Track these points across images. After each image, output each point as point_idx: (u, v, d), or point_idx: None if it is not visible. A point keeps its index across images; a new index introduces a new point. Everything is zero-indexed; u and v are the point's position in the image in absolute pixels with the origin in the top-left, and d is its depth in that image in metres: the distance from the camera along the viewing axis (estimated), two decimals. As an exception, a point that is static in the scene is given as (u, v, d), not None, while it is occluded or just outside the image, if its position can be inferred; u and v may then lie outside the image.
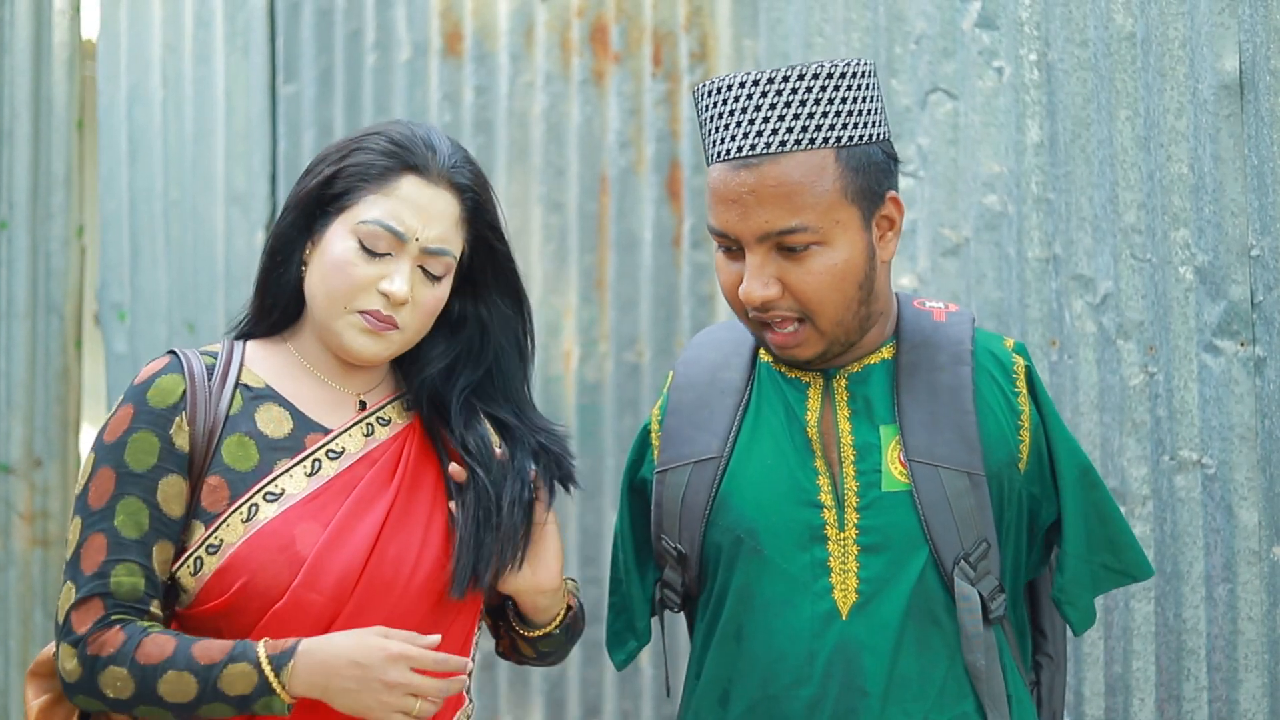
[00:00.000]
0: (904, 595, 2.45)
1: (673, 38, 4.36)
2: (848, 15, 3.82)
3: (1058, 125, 3.36)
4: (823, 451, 2.51)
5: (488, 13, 4.62)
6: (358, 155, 2.43)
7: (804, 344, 2.48)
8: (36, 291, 5.01)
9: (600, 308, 4.43)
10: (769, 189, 2.41)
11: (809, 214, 2.41)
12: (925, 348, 2.55)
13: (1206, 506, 3.10)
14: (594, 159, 4.47)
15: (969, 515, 2.46)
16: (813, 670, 2.46)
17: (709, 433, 2.58)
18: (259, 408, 2.44)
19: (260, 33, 5.03)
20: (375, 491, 2.43)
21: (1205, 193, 3.06)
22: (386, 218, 2.39)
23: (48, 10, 5.07)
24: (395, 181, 2.41)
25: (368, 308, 2.40)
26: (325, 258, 2.41)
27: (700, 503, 2.54)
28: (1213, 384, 3.07)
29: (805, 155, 2.42)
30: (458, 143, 2.51)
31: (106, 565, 2.33)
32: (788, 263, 2.44)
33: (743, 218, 2.43)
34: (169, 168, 5.25)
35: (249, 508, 2.37)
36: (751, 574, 2.51)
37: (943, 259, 3.63)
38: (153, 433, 2.37)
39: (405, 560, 2.40)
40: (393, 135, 2.44)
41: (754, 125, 2.43)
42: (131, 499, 2.35)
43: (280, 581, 2.34)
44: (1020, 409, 2.54)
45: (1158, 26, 3.13)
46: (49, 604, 5.02)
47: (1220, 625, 3.09)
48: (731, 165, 2.44)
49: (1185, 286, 3.11)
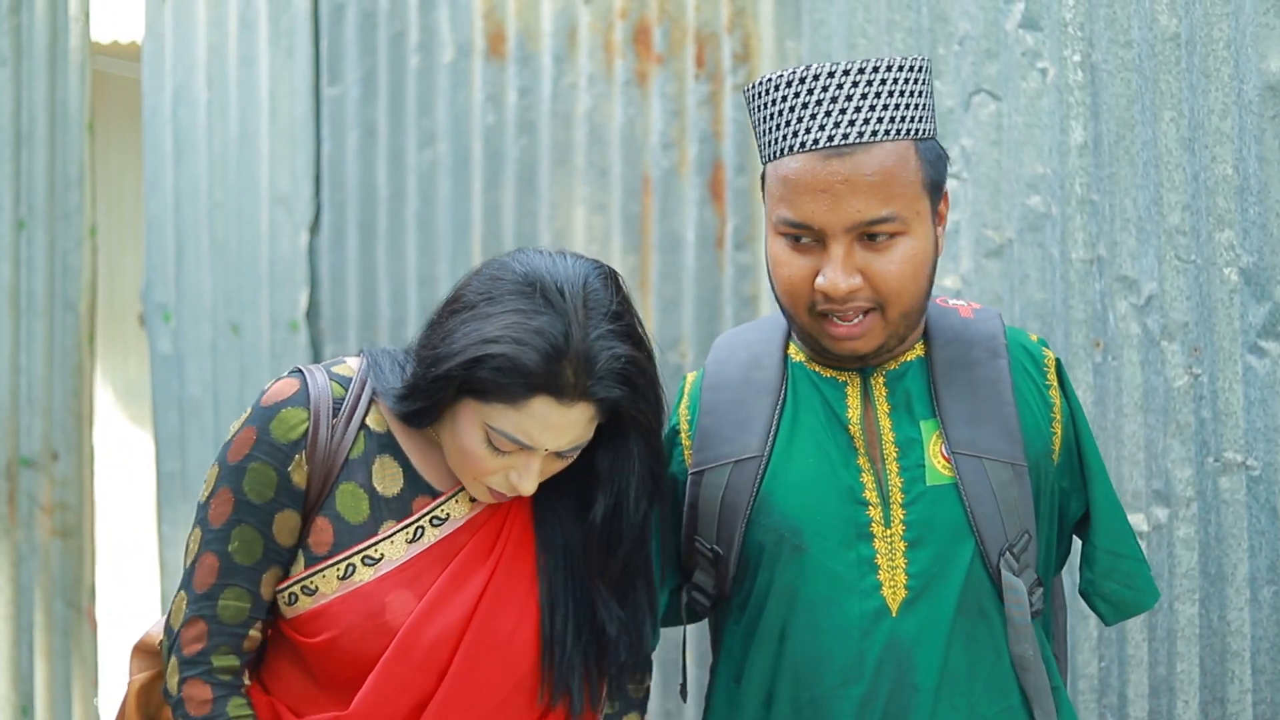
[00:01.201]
0: (955, 589, 2.46)
1: (715, 39, 4.36)
2: (891, 16, 3.82)
3: (1102, 126, 3.35)
4: (865, 449, 2.52)
5: (531, 14, 4.63)
6: (487, 371, 2.28)
7: (868, 335, 2.47)
8: (54, 289, 5.07)
9: (643, 309, 4.44)
10: (864, 178, 2.41)
11: (898, 203, 2.42)
12: (958, 343, 2.56)
13: (1251, 508, 3.09)
14: (637, 160, 4.47)
15: (1013, 506, 2.47)
16: (863, 669, 2.46)
17: (748, 432, 2.57)
18: (376, 458, 2.41)
19: (304, 34, 5.05)
20: (476, 561, 2.41)
21: (1250, 194, 3.05)
22: (515, 431, 2.30)
23: (63, 15, 5.11)
24: (526, 402, 2.29)
25: (494, 487, 2.37)
26: (456, 432, 2.36)
27: (741, 503, 2.54)
28: (1257, 385, 3.06)
29: (893, 145, 2.42)
30: (608, 328, 2.30)
31: (216, 588, 2.38)
32: (869, 253, 2.43)
33: (833, 207, 2.41)
34: (213, 169, 5.28)
35: (347, 567, 2.37)
36: (795, 573, 2.51)
37: (986, 260, 3.63)
38: (272, 467, 2.37)
39: (502, 635, 2.38)
40: (522, 353, 2.26)
41: (845, 115, 2.42)
42: (248, 528, 2.37)
43: (366, 647, 2.35)
44: (1052, 401, 2.56)
45: (1202, 27, 3.12)
46: (68, 593, 5.10)
47: (1265, 627, 3.08)
48: (821, 155, 2.42)
49: (1230, 288, 3.10)
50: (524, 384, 2.26)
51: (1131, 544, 2.61)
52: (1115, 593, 2.60)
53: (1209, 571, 3.17)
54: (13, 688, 5.04)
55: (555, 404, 2.28)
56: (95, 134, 5.25)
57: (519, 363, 2.25)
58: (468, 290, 2.36)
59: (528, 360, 2.25)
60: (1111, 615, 2.62)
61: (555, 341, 2.26)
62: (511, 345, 2.26)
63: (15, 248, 5.02)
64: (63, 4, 5.13)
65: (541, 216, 4.59)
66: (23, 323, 5.04)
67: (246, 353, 5.22)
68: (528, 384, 2.26)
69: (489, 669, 2.38)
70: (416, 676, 2.35)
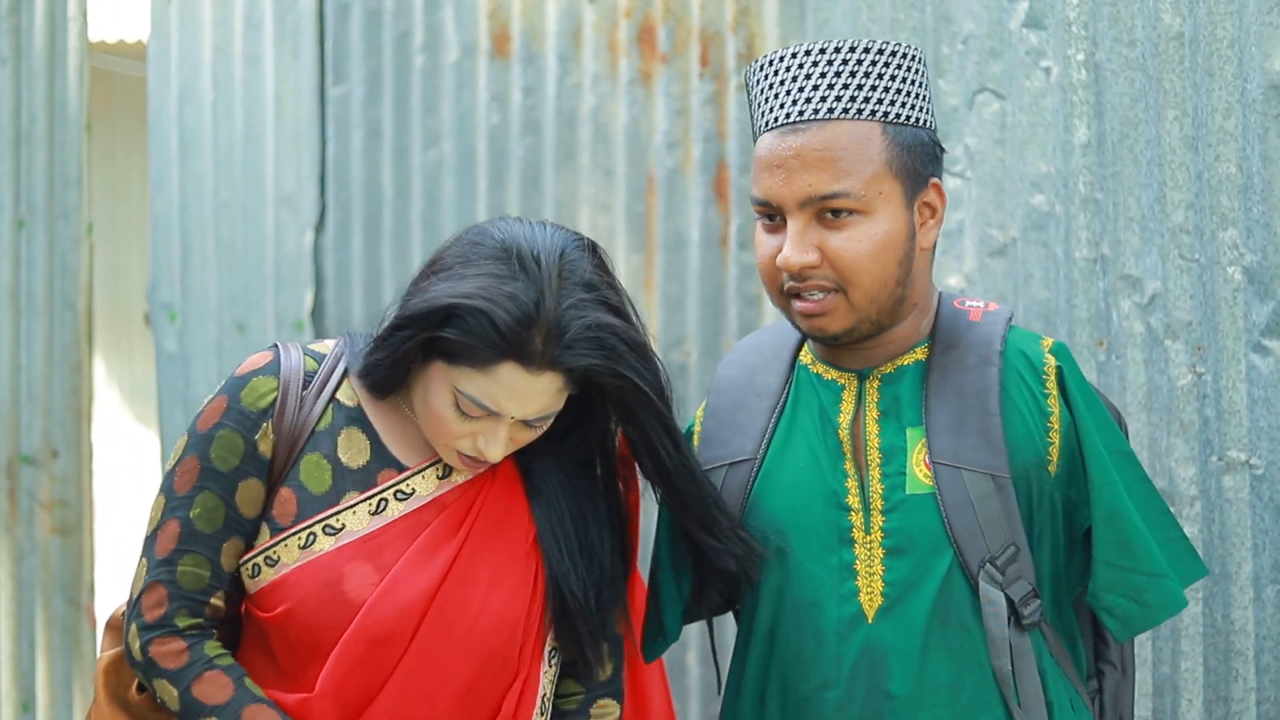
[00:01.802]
0: (929, 599, 2.44)
1: (720, 38, 4.36)
2: (895, 15, 3.83)
3: (1105, 125, 3.35)
4: (852, 454, 2.51)
5: (535, 14, 4.63)
6: (457, 329, 2.29)
7: (832, 314, 2.46)
8: (53, 288, 5.09)
9: (648, 308, 4.44)
10: (814, 153, 2.42)
11: (853, 180, 2.42)
12: (956, 349, 2.54)
13: (1255, 507, 3.09)
14: (641, 160, 4.48)
15: (994, 518, 2.44)
16: (840, 673, 2.46)
17: (743, 435, 2.58)
18: (344, 430, 2.43)
19: (309, 34, 5.06)
20: (440, 540, 2.41)
21: (1254, 192, 3.05)
22: (481, 397, 2.32)
23: (61, 15, 5.12)
24: (494, 366, 2.30)
25: (464, 451, 2.38)
26: (426, 395, 2.38)
27: (734, 504, 2.54)
28: (1261, 384, 3.06)
29: (852, 124, 2.43)
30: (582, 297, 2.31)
31: (175, 554, 2.39)
32: (828, 231, 2.44)
33: (786, 182, 2.43)
34: (219, 169, 5.29)
35: (308, 535, 2.38)
36: (781, 576, 2.51)
37: (990, 259, 3.63)
38: (239, 434, 2.39)
39: (467, 611, 2.39)
40: (492, 312, 2.27)
41: (803, 93, 2.45)
42: (211, 495, 2.39)
43: (322, 618, 2.36)
44: (1050, 410, 2.51)
45: (1206, 26, 3.12)
46: (68, 590, 5.13)
47: (1269, 626, 3.08)
48: (779, 132, 2.45)
49: (1233, 286, 3.10)
50: (492, 348, 2.27)
51: (1143, 556, 2.50)
52: (1119, 606, 2.51)
53: (1213, 571, 3.16)
54: (14, 684, 5.06)
55: (523, 371, 2.29)
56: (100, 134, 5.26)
57: (489, 323, 2.26)
58: (446, 255, 2.39)
59: (497, 322, 2.26)
60: (1118, 629, 2.53)
61: (526, 308, 2.27)
62: (482, 302, 2.27)
63: (15, 246, 5.04)
64: (61, 4, 5.15)
65: (546, 216, 4.59)
66: (22, 321, 5.06)
67: (251, 352, 5.20)
68: (496, 349, 2.27)
69: (453, 648, 2.38)
70: (378, 652, 2.35)
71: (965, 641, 2.46)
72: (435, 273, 2.37)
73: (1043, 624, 2.50)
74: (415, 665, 2.37)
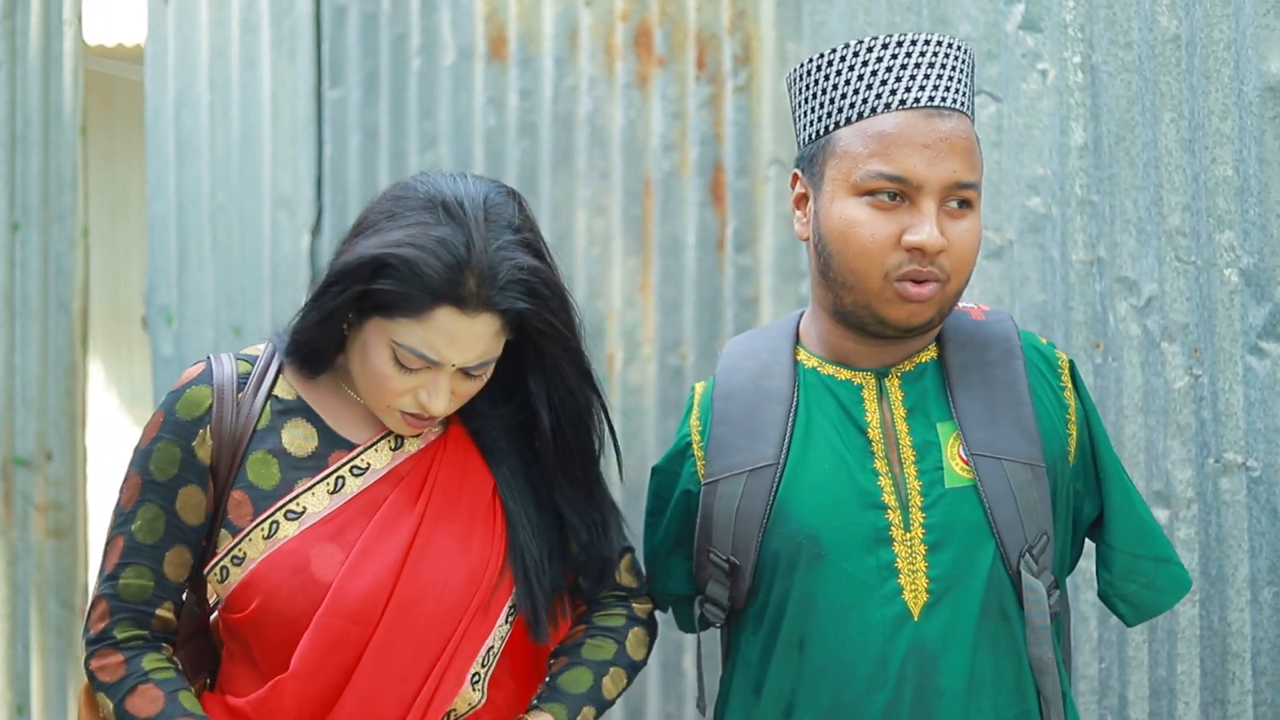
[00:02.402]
0: (978, 591, 2.44)
1: (716, 41, 4.36)
2: (891, 18, 3.82)
3: (1102, 128, 3.35)
4: (883, 452, 2.51)
5: (532, 17, 4.63)
6: (389, 279, 2.30)
7: (929, 303, 2.46)
8: (48, 291, 5.09)
9: (644, 311, 4.44)
10: (960, 140, 2.45)
11: (979, 174, 2.47)
12: (972, 345, 2.55)
13: (1251, 509, 3.09)
14: (638, 162, 4.47)
15: (1032, 507, 2.46)
16: (887, 674, 2.43)
17: (762, 440, 2.55)
18: (287, 423, 2.44)
19: (306, 37, 5.06)
20: (401, 510, 2.42)
21: (1250, 195, 3.05)
22: (420, 346, 2.32)
23: (56, 19, 5.13)
24: (429, 313, 2.31)
25: (406, 410, 2.39)
26: (364, 355, 2.38)
27: (757, 511, 2.52)
28: (1258, 386, 3.06)
29: (967, 119, 2.49)
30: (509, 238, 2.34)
31: (118, 568, 2.41)
32: (949, 220, 2.45)
33: (932, 164, 2.43)
34: (216, 171, 5.29)
35: (270, 524, 2.39)
36: (814, 580, 2.48)
37: (986, 261, 3.63)
38: (176, 444, 2.41)
39: (436, 579, 2.40)
40: (423, 259, 2.29)
41: (941, 80, 2.47)
42: (151, 505, 2.40)
43: (295, 605, 2.36)
44: (1068, 403, 2.55)
45: (1202, 29, 3.12)
46: (62, 592, 5.14)
47: (1265, 629, 3.07)
48: (923, 113, 2.44)
49: (1230, 289, 3.10)
50: (426, 293, 2.28)
51: (1151, 543, 2.58)
52: (1135, 594, 2.58)
53: (1209, 573, 3.16)
54: (9, 686, 5.06)
55: (459, 315, 2.30)
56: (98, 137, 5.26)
57: (420, 269, 2.28)
58: (372, 213, 2.39)
59: (429, 267, 2.28)
60: (1132, 616, 2.60)
61: (456, 251, 2.29)
62: (411, 250, 2.29)
63: (10, 249, 5.04)
64: (56, 8, 5.15)
65: (542, 219, 4.58)
66: (17, 324, 5.06)
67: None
68: (430, 294, 2.28)
69: (427, 618, 2.39)
70: (352, 629, 2.35)
71: (1004, 631, 2.46)
72: (362, 231, 2.38)
73: (1062, 613, 2.52)
74: (389, 639, 2.37)
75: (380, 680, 2.37)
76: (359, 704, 2.37)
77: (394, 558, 2.38)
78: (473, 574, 2.42)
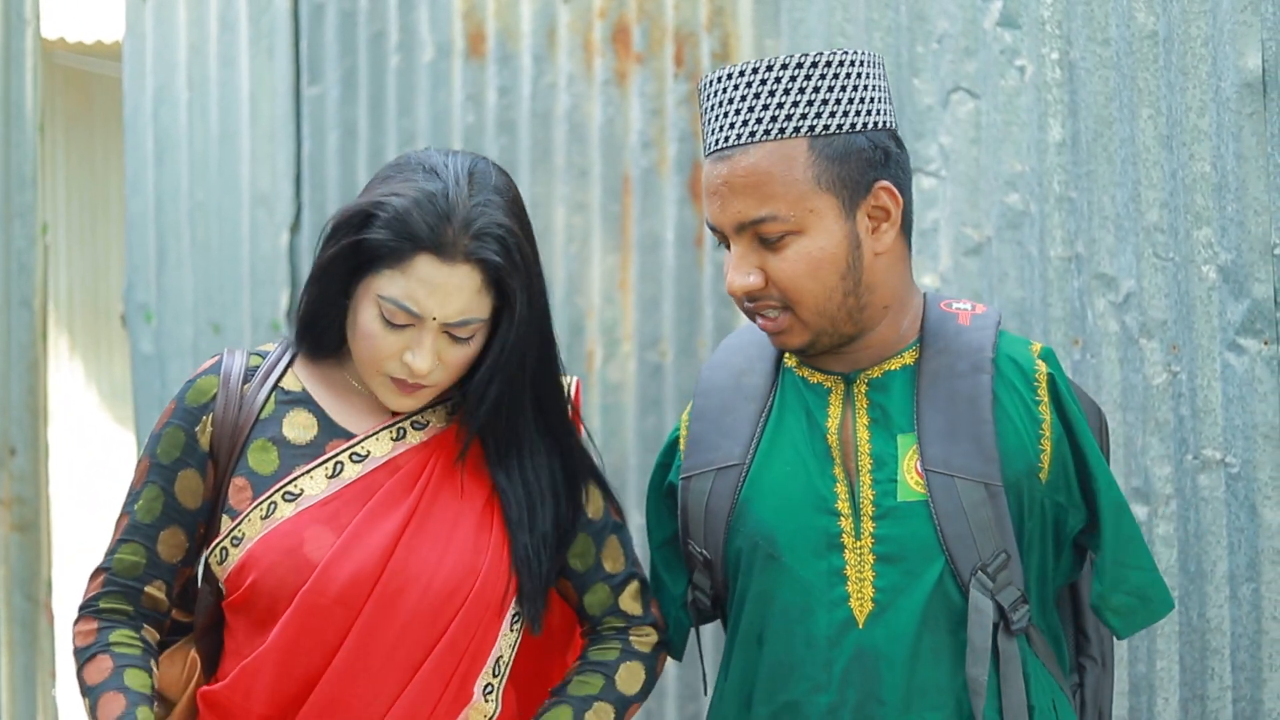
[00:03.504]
0: (919, 605, 2.44)
1: (695, 38, 4.36)
2: (869, 15, 3.82)
3: (1080, 124, 3.35)
4: (841, 460, 2.51)
5: (510, 14, 4.62)
6: (375, 231, 2.38)
7: (789, 332, 2.49)
8: (9, 287, 5.08)
9: (623, 308, 4.44)
10: (739, 179, 2.44)
11: (779, 203, 2.43)
12: (947, 354, 2.52)
13: (1230, 506, 3.09)
14: (616, 159, 4.47)
15: (986, 526, 2.44)
16: (830, 677, 2.46)
17: (731, 439, 2.58)
18: (289, 413, 2.50)
19: (284, 35, 5.04)
20: (395, 498, 2.44)
21: (1228, 191, 3.05)
22: (402, 298, 2.38)
23: (16, 16, 5.10)
24: (410, 261, 2.38)
25: (395, 375, 2.43)
26: (356, 320, 2.44)
27: (723, 509, 2.55)
28: (1236, 383, 3.06)
29: (775, 145, 2.43)
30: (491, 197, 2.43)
31: (118, 544, 2.51)
32: (768, 253, 2.45)
33: (721, 209, 2.46)
34: (194, 169, 5.28)
35: (268, 505, 2.43)
36: (770, 581, 2.51)
37: (964, 258, 3.63)
38: (181, 429, 2.49)
39: (424, 568, 2.41)
40: (407, 208, 2.38)
41: (727, 118, 2.46)
42: (153, 486, 2.49)
43: (286, 584, 2.39)
44: (1041, 417, 2.51)
45: (1180, 24, 3.12)
46: (26, 587, 5.14)
47: (1244, 624, 3.08)
48: (712, 159, 2.48)
49: (1208, 285, 3.10)
50: (407, 240, 2.36)
51: (1139, 554, 2.55)
52: (1125, 604, 2.54)
53: (1188, 569, 3.16)
54: (-27, 681, 5.06)
55: (438, 263, 2.36)
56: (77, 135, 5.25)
57: (404, 215, 2.36)
58: (372, 181, 2.49)
59: (411, 215, 2.36)
60: (1122, 627, 2.56)
61: (437, 200, 2.38)
62: (396, 199, 2.38)
63: (-30, 247, 5.03)
64: (16, 7, 5.12)
65: (522, 216, 4.58)
66: (-22, 321, 5.05)
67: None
68: (411, 240, 2.36)
69: (411, 607, 2.40)
70: (336, 609, 2.38)
71: (953, 646, 2.45)
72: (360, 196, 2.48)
73: (1030, 628, 2.50)
74: (372, 624, 2.39)
75: (360, 664, 2.39)
76: (338, 687, 2.39)
77: (383, 543, 2.40)
78: (460, 569, 2.43)
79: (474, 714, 2.47)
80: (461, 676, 2.45)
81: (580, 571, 2.62)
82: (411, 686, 2.40)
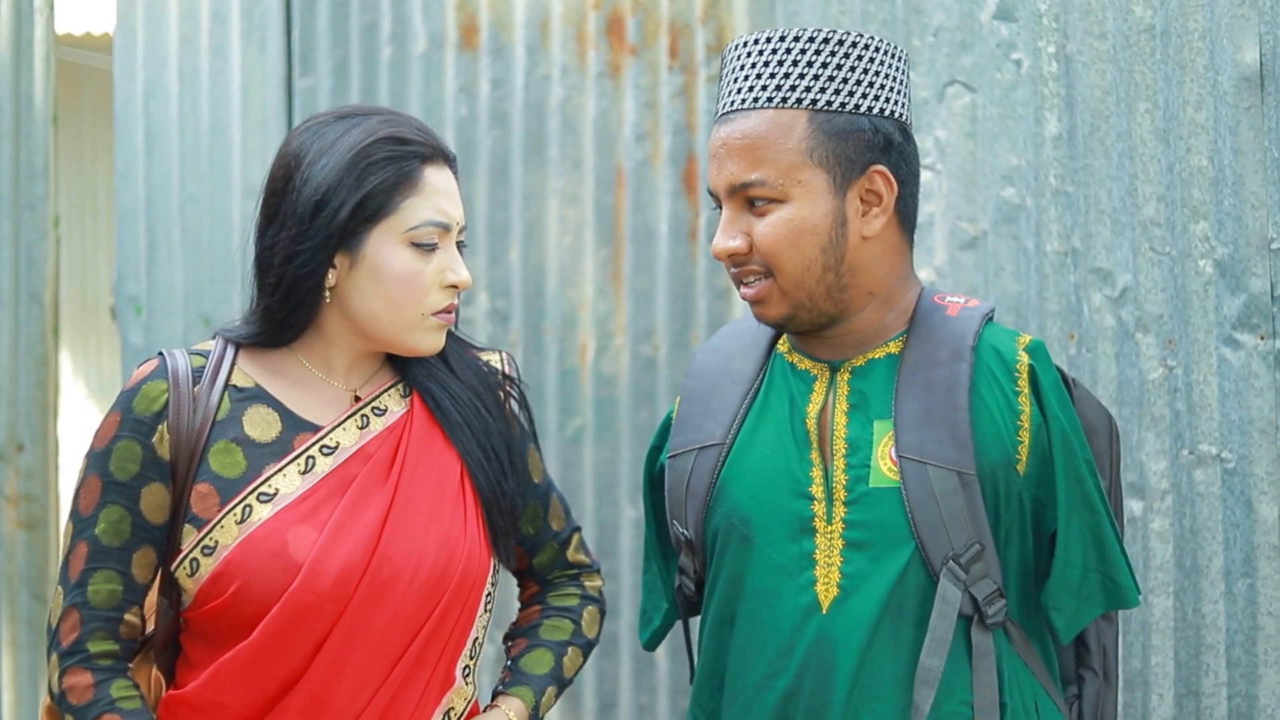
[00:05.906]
0: (881, 593, 2.42)
1: (689, 30, 4.35)
2: (865, 7, 3.81)
3: (1076, 118, 3.34)
4: (819, 444, 2.50)
5: (503, 5, 4.61)
6: (376, 171, 2.39)
7: (767, 300, 2.50)
8: (19, 281, 5.05)
9: (616, 301, 4.43)
10: (736, 142, 2.48)
11: (769, 169, 2.45)
12: (930, 343, 2.51)
13: (1226, 501, 3.08)
14: (610, 152, 4.46)
15: (958, 515, 2.42)
16: (790, 662, 2.45)
17: (715, 420, 2.59)
18: (247, 410, 2.43)
19: (276, 26, 5.03)
20: (372, 488, 2.42)
21: (1225, 185, 3.04)
22: (434, 215, 2.41)
23: (27, 7, 5.09)
24: (420, 178, 2.41)
25: (439, 307, 2.44)
26: (381, 275, 2.41)
27: (702, 489, 2.56)
28: (1232, 378, 3.05)
29: (775, 113, 2.46)
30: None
31: (86, 574, 2.38)
32: (755, 218, 2.48)
33: (717, 171, 2.50)
34: (185, 161, 5.26)
35: (243, 509, 2.37)
36: (742, 562, 2.51)
37: (960, 252, 3.62)
38: (136, 441, 2.38)
39: (410, 556, 2.40)
40: (391, 135, 2.41)
41: (738, 83, 2.50)
42: (115, 507, 2.38)
43: (275, 587, 2.34)
44: (1020, 409, 2.47)
45: (1177, 18, 3.12)
46: (33, 585, 5.10)
47: (1240, 620, 3.07)
48: (720, 121, 2.52)
49: (1205, 280, 3.09)
50: (415, 159, 2.40)
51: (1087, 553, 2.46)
52: (1056, 599, 2.47)
53: (1184, 564, 3.16)
54: (-21, 679, 5.03)
55: (440, 168, 2.44)
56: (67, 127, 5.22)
57: (389, 153, 2.39)
58: (288, 162, 2.45)
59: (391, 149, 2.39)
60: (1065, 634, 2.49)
61: (397, 124, 2.42)
62: (369, 137, 2.40)
63: (-19, 239, 5.01)
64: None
65: (514, 208, 4.57)
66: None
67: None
68: (417, 157, 2.40)
69: (399, 597, 2.38)
70: (325, 604, 2.34)
71: (919, 639, 2.43)
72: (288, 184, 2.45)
73: (1008, 623, 2.47)
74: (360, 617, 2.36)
75: (345, 658, 2.37)
76: (320, 684, 2.36)
77: (367, 535, 2.38)
78: (444, 553, 2.42)
79: (456, 698, 2.46)
80: (447, 662, 2.44)
81: (532, 535, 2.67)
82: (394, 676, 2.39)
